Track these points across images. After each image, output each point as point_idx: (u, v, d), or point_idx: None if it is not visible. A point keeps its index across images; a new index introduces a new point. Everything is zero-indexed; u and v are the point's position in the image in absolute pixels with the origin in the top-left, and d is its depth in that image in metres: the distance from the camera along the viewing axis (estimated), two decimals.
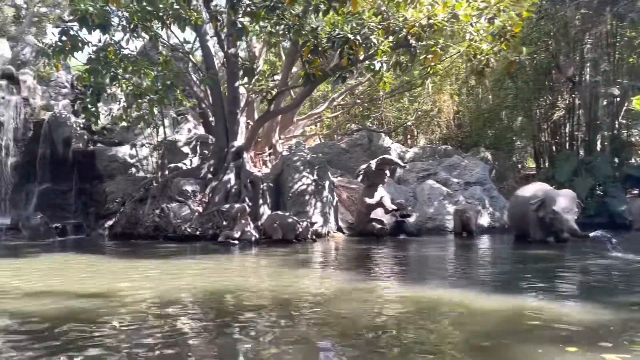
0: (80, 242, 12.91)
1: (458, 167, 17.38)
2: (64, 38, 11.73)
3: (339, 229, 14.22)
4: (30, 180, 15.63)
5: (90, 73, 12.44)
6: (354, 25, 9.71)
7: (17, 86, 16.20)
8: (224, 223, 12.72)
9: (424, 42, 11.61)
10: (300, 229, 12.08)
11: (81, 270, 8.21)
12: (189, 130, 16.83)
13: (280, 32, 11.86)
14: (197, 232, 12.79)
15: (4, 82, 15.85)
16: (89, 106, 12.61)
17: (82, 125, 16.00)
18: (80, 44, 12.40)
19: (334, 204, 14.20)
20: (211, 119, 17.51)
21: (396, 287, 6.78)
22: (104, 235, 13.90)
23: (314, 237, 12.50)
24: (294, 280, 7.06)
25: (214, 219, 12.99)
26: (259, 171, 15.21)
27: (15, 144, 15.70)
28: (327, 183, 13.90)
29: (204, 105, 17.42)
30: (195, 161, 15.74)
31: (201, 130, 17.40)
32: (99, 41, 12.85)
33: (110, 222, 14.10)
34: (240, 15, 10.82)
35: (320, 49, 10.38)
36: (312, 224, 12.81)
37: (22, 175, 15.73)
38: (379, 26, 10.14)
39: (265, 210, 13.31)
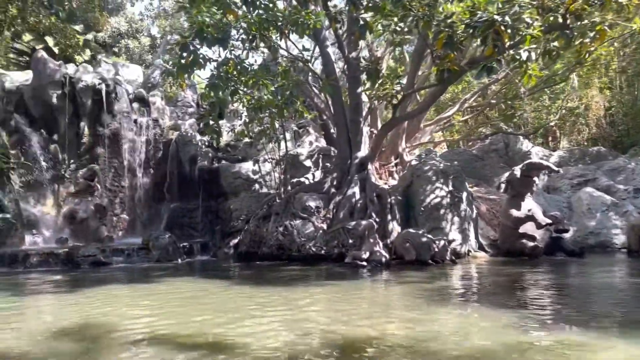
0: (206, 264, 12.61)
1: (623, 171, 14.61)
2: (184, 54, 11.51)
3: (481, 247, 12.41)
4: (160, 199, 15.95)
5: (211, 89, 12.15)
6: (500, 5, 8.10)
7: (148, 108, 16.73)
8: (350, 241, 11.63)
9: (583, 22, 9.55)
10: (437, 249, 10.57)
11: (204, 306, 7.51)
12: (311, 143, 16.11)
13: (406, 28, 10.57)
14: (322, 251, 11.83)
15: (136, 105, 16.43)
16: (211, 122, 12.30)
17: (207, 143, 16.03)
18: (201, 61, 12.21)
19: (474, 218, 12.43)
20: (332, 130, 16.72)
21: (594, 340, 5.00)
22: (229, 255, 13.54)
23: (453, 257, 10.88)
24: (441, 323, 5.64)
25: (339, 236, 11.94)
26: (386, 183, 13.94)
27: (146, 164, 16.15)
28: (464, 194, 12.21)
29: (324, 117, 16.68)
30: (318, 175, 14.92)
31: (323, 143, 16.63)
32: (219, 56, 12.63)
33: (235, 241, 13.72)
34: (362, 12, 9.74)
35: (455, 40, 8.89)
36: (450, 242, 11.21)
37: (152, 195, 16.12)
38: (533, 3, 8.39)
39: (394, 227, 11.99)
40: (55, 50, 22.76)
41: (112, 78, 15.76)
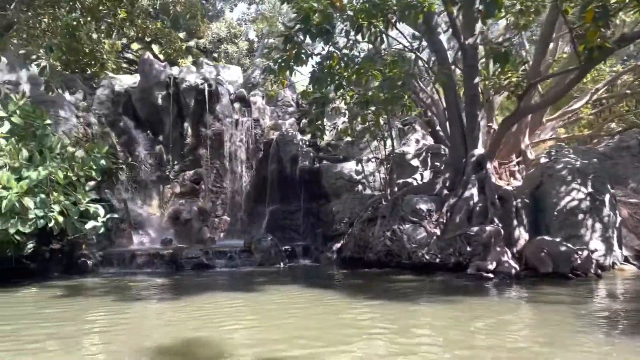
0: (309, 270, 11.89)
1: None
2: (287, 47, 10.88)
3: (626, 259, 10.56)
4: (261, 201, 15.55)
5: (315, 83, 11.43)
6: None
7: (249, 108, 16.45)
8: (468, 249, 10.34)
9: None
10: (579, 260, 8.98)
11: (310, 322, 6.69)
12: (417, 141, 14.91)
13: (535, 7, 9.17)
14: (437, 260, 10.63)
15: (237, 105, 16.20)
16: (315, 119, 11.57)
17: (307, 143, 15.40)
18: (303, 56, 11.57)
19: (617, 225, 10.60)
20: (438, 128, 15.43)
21: None
22: (332, 260, 12.71)
23: (598, 271, 9.22)
24: None
25: (456, 244, 10.67)
26: (508, 184, 12.43)
27: (247, 165, 15.85)
28: (607, 197, 10.44)
29: (429, 113, 15.45)
30: (427, 175, 13.70)
31: (430, 141, 15.36)
32: (322, 49, 11.91)
33: (338, 245, 12.88)
34: None
35: (609, 10, 7.37)
36: (592, 252, 9.55)
37: (253, 197, 15.77)
38: None
39: (521, 234, 10.51)
40: (161, 57, 23.49)
41: (214, 78, 15.64)
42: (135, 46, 26.80)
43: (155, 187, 15.32)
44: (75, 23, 13.41)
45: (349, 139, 15.23)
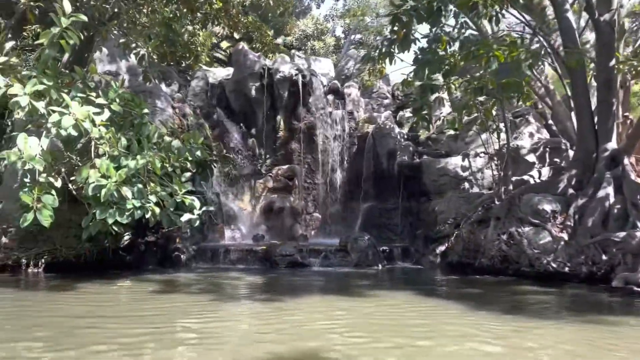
0: (410, 274, 10.84)
1: None
2: (395, 28, 9.91)
3: None
4: (355, 198, 14.69)
5: (421, 68, 10.36)
6: None
7: (342, 100, 15.65)
8: (604, 257, 8.85)
9: None
10: None
11: (425, 340, 5.68)
12: (531, 135, 13.37)
13: None
14: (566, 269, 9.21)
15: (330, 97, 15.46)
16: (420, 107, 10.50)
17: (406, 136, 14.32)
18: (413, 37, 10.58)
19: None
20: (550, 121, 13.80)
21: None
22: (435, 264, 11.58)
23: None
24: None
25: (588, 251, 9.18)
26: None
27: (340, 160, 15.05)
28: None
29: (540, 105, 13.87)
30: (545, 172, 12.15)
31: (545, 135, 13.74)
32: (430, 32, 10.82)
33: (442, 248, 11.72)
34: None
35: None
36: None
37: (347, 193, 14.95)
38: None
39: None
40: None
41: (308, 69, 14.99)
42: (224, 44, 27.00)
43: (247, 182, 14.91)
44: (171, 15, 13.28)
45: (451, 132, 13.99)
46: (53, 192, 8.16)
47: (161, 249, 11.61)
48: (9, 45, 8.25)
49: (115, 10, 12.42)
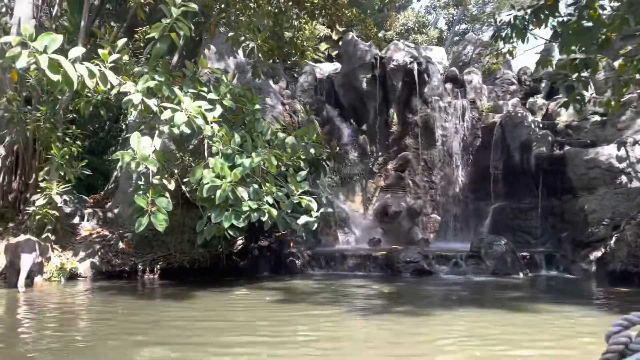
0: (563, 284, 9.19)
1: None
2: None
3: None
4: (481, 197, 13.10)
5: (572, 39, 8.69)
6: None
7: (462, 89, 14.13)
8: None
9: None
10: None
11: None
12: None
13: None
14: None
15: (449, 86, 14.00)
16: (572, 87, 8.80)
17: (541, 125, 12.50)
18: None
19: None
20: None
21: None
22: (590, 273, 9.76)
23: None
24: None
25: None
26: None
27: (463, 154, 13.55)
28: None
29: None
30: None
31: None
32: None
33: (598, 254, 9.86)
34: None
35: None
36: None
37: (471, 192, 13.41)
38: None
39: None
40: None
41: (423, 56, 13.67)
42: (323, 45, 26.40)
43: (359, 181, 13.88)
44: (276, 10, 12.65)
45: (597, 118, 11.95)
46: (167, 194, 7.66)
47: (275, 254, 10.91)
48: (120, 42, 7.86)
49: (222, 5, 11.99)
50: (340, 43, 24.72)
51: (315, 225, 8.93)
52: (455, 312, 6.23)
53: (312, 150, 9.51)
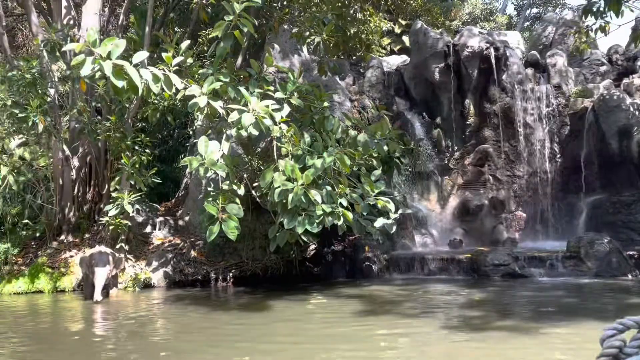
0: None
1: None
2: None
3: None
4: (571, 190, 11.90)
5: None
6: None
7: (545, 73, 12.94)
8: None
9: None
10: None
11: None
12: None
13: None
14: None
15: (529, 71, 12.86)
16: None
17: None
18: None
19: None
20: None
21: None
22: None
23: None
24: None
25: None
26: None
27: (549, 145, 12.37)
28: None
29: None
30: None
31: None
32: None
33: None
34: None
35: None
36: None
37: (560, 185, 12.22)
38: None
39: None
40: None
41: (500, 40, 12.62)
42: (385, 40, 25.61)
43: (434, 178, 13.03)
44: (340, 3, 12.09)
45: None
46: (237, 200, 7.29)
47: (350, 259, 10.35)
48: (184, 45, 7.57)
49: (285, 2, 11.60)
50: (403, 37, 23.92)
51: (394, 228, 8.28)
52: (574, 325, 5.35)
53: (385, 147, 8.87)
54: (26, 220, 10.45)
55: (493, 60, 12.17)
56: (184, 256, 9.97)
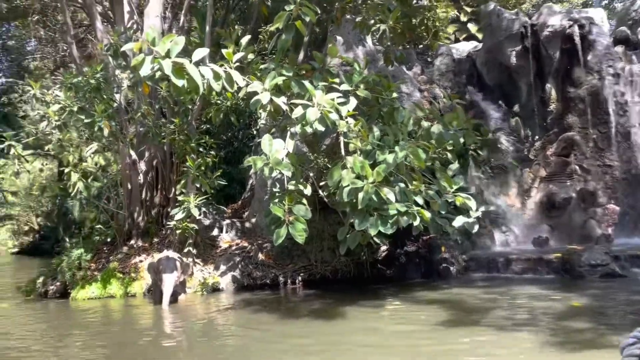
0: None
1: None
2: None
3: None
4: None
5: None
6: None
7: (637, 51, 11.64)
8: None
9: None
10: None
11: None
12: None
13: None
14: None
15: (619, 49, 11.59)
16: None
17: None
18: None
19: None
20: None
21: None
22: None
23: None
24: None
25: None
26: None
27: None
28: None
29: None
30: None
31: None
32: None
33: None
34: None
35: None
36: None
37: None
38: None
39: None
40: (479, 36, 20.29)
41: (584, 17, 11.45)
42: (451, 28, 24.51)
43: (513, 171, 12.04)
44: None
45: None
46: (304, 201, 6.85)
47: (424, 260, 9.69)
48: (244, 40, 7.22)
49: None
50: (468, 25, 22.70)
51: (476, 227, 7.55)
52: None
53: (461, 139, 8.15)
54: (98, 226, 10.60)
55: (577, 39, 11.04)
56: (252, 259, 9.71)
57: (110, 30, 11.67)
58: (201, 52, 6.27)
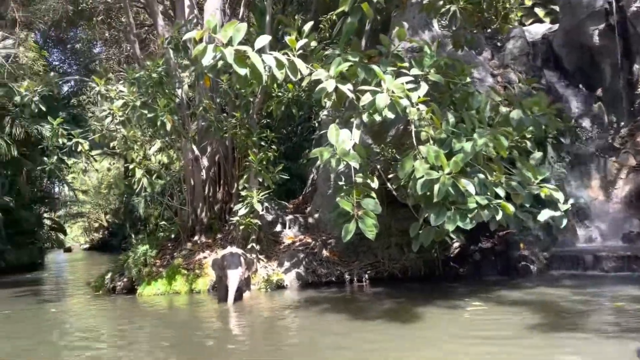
0: None
1: None
2: None
3: None
4: None
5: None
6: None
7: None
8: None
9: None
10: None
11: None
12: None
13: None
14: None
15: None
16: None
17: None
18: None
19: None
20: None
21: None
22: None
23: None
24: None
25: None
26: None
27: None
28: None
29: None
30: None
31: None
32: None
33: None
34: None
35: None
36: None
37: None
38: None
39: None
40: (547, 20, 18.96)
41: None
42: (518, 13, 23.19)
43: (595, 161, 11.05)
44: None
45: None
46: (373, 194, 6.41)
47: (501, 258, 9.00)
48: (307, 26, 6.86)
49: None
50: (535, 9, 21.33)
51: (564, 221, 6.85)
52: None
53: (542, 126, 7.44)
54: (163, 222, 10.60)
55: None
56: (316, 256, 9.37)
57: (171, 28, 11.68)
58: (263, 39, 5.97)
